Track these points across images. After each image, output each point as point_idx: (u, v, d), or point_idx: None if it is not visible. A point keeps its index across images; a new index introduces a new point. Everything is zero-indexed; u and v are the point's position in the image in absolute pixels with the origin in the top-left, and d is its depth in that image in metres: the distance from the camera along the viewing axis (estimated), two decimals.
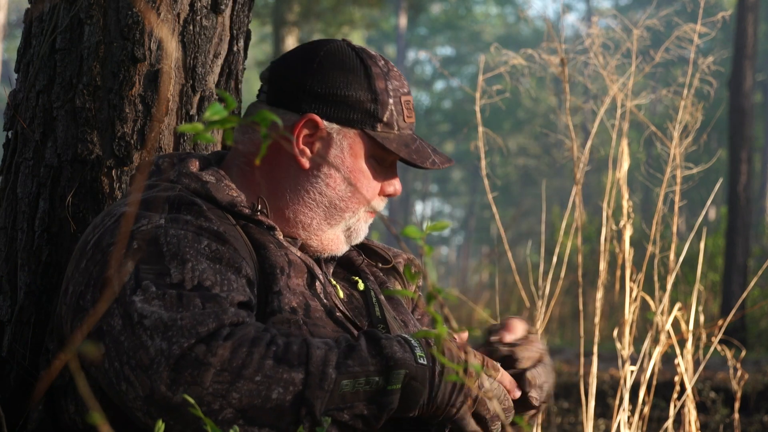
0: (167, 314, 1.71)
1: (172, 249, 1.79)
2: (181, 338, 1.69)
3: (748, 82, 11.76)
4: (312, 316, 1.88)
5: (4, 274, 2.22)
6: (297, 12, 14.62)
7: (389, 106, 1.96)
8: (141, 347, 1.70)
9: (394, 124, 1.97)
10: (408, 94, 2.01)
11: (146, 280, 1.75)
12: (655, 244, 3.42)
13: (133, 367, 1.70)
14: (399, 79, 2.00)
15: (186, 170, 1.95)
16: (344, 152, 1.96)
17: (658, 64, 3.67)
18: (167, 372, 1.67)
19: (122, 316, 1.73)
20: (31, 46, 2.29)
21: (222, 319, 1.72)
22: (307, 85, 1.95)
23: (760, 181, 26.20)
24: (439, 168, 1.99)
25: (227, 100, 1.20)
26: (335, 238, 2.00)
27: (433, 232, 1.25)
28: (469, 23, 38.55)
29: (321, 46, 1.99)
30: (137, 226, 1.82)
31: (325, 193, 1.97)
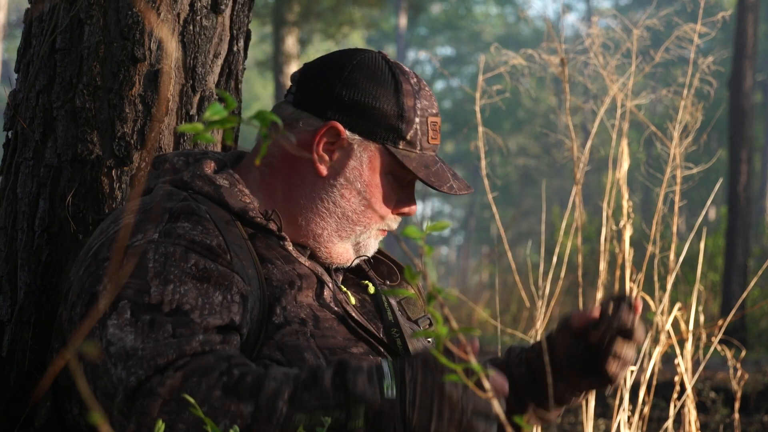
0: (131, 343, 1.71)
1: (157, 267, 1.77)
2: (140, 369, 1.69)
3: (748, 82, 11.76)
4: (321, 326, 1.86)
5: (4, 274, 2.22)
6: (297, 12, 14.62)
7: (414, 125, 1.94)
8: (106, 374, 1.71)
9: (417, 144, 1.95)
10: (436, 115, 1.98)
11: (125, 298, 1.75)
12: (655, 244, 3.42)
13: (101, 391, 1.72)
14: (429, 99, 1.98)
15: (201, 172, 1.93)
16: (363, 165, 1.94)
17: (658, 64, 3.67)
18: (123, 401, 1.68)
19: (100, 338, 1.74)
20: (31, 46, 2.29)
21: (183, 350, 1.70)
22: (335, 92, 1.93)
23: (760, 181, 26.20)
24: (456, 194, 1.97)
25: (227, 100, 1.20)
26: (344, 251, 1.98)
27: (433, 232, 1.25)
28: (469, 23, 38.55)
29: (355, 55, 1.97)
30: (132, 240, 1.81)
31: (339, 204, 1.95)
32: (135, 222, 1.83)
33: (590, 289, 9.30)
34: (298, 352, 1.82)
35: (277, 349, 1.82)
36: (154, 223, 1.83)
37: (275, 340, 1.82)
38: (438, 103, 2.06)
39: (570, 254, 8.61)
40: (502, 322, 12.31)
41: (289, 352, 1.82)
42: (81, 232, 2.19)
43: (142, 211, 1.86)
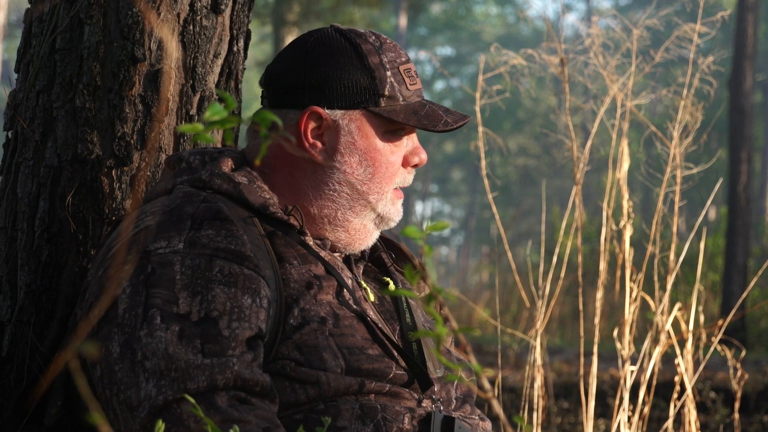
0: (163, 355, 1.71)
1: (185, 280, 1.78)
2: (169, 390, 1.69)
3: (748, 82, 11.76)
4: (341, 325, 1.86)
5: (4, 274, 2.22)
6: (297, 12, 14.63)
7: (388, 79, 1.94)
8: (134, 386, 1.71)
9: (397, 95, 1.95)
10: (407, 62, 1.98)
11: (154, 307, 1.75)
12: (655, 244, 3.42)
13: (120, 401, 1.72)
14: (394, 50, 1.98)
15: (218, 170, 1.93)
16: (354, 135, 1.94)
17: (658, 64, 3.67)
18: (148, 417, 1.69)
19: (122, 345, 1.74)
20: (31, 46, 2.29)
21: (215, 380, 1.71)
22: (303, 80, 1.94)
23: (760, 181, 26.20)
24: (452, 128, 1.96)
25: (227, 100, 1.20)
26: (362, 228, 1.98)
27: (433, 232, 1.25)
28: (469, 23, 38.54)
29: (308, 39, 1.98)
30: (155, 246, 1.80)
31: (344, 181, 1.95)
32: (156, 225, 1.83)
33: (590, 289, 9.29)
34: (316, 352, 1.82)
35: (295, 348, 1.82)
36: (177, 231, 1.82)
37: (293, 340, 1.83)
38: (436, 101, 2.05)
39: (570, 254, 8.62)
40: (502, 322, 12.31)
41: (308, 351, 1.82)
42: (81, 232, 2.19)
43: (162, 214, 1.85)
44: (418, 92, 1.98)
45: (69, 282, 2.17)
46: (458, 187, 39.51)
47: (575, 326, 11.61)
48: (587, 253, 11.96)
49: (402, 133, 1.98)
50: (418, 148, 2.00)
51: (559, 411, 6.30)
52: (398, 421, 1.83)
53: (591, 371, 3.33)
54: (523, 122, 34.62)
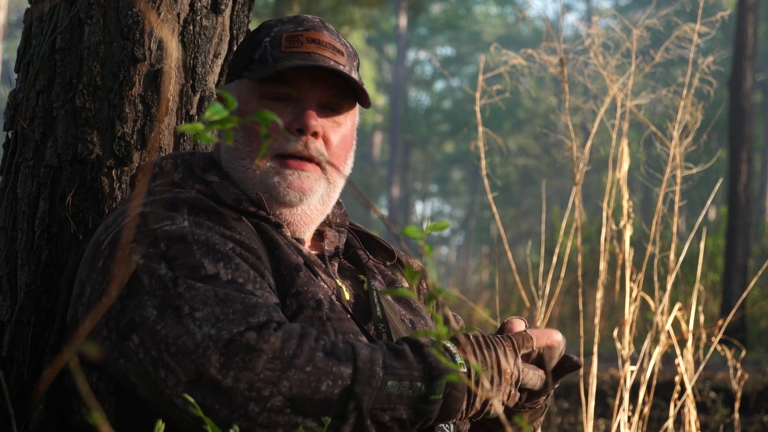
0: (218, 307, 1.70)
1: (201, 247, 1.78)
2: (231, 325, 1.69)
3: (748, 82, 11.76)
4: (336, 310, 1.88)
5: (4, 274, 2.22)
6: (297, 12, 14.63)
7: (263, 44, 1.97)
8: (186, 333, 1.69)
9: (268, 57, 1.96)
10: (304, 31, 1.97)
11: (181, 276, 1.74)
12: (655, 244, 3.42)
13: (173, 353, 1.68)
14: (300, 23, 1.99)
15: (189, 173, 1.94)
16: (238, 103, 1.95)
17: (658, 64, 3.67)
18: (216, 355, 1.67)
19: (157, 307, 1.72)
20: (31, 46, 2.29)
21: (272, 315, 1.72)
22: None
23: (760, 181, 26.20)
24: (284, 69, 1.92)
25: (227, 100, 1.20)
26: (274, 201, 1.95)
27: (433, 232, 1.24)
28: (469, 23, 38.55)
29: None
30: (160, 225, 1.80)
31: (234, 155, 1.96)
32: (152, 211, 1.83)
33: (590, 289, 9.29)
34: None
35: None
36: (179, 213, 1.83)
37: None
38: (438, 103, 2.05)
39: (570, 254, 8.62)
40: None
41: None
42: (81, 232, 2.19)
43: (154, 203, 1.85)
44: (300, 55, 1.95)
45: (69, 282, 2.17)
46: (458, 187, 39.52)
47: (575, 326, 11.61)
48: (587, 253, 11.96)
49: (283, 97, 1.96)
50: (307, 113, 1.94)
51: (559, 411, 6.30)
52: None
53: (591, 371, 3.33)
54: (523, 122, 34.63)
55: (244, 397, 1.66)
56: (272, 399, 1.66)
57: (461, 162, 35.99)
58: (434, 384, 1.71)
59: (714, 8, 4.33)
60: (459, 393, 1.73)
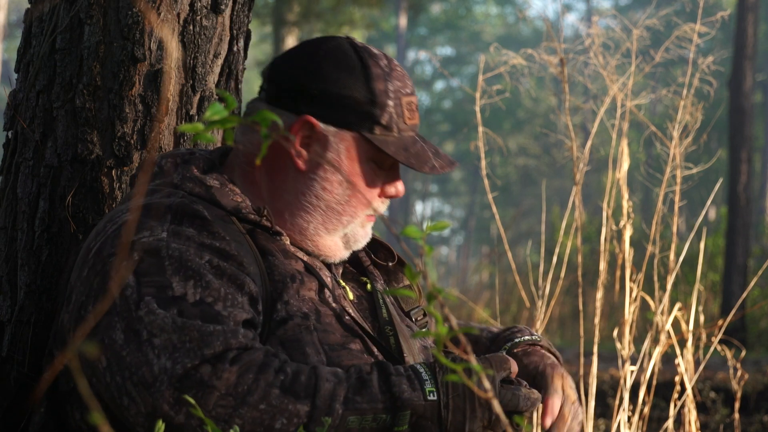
0: (174, 335, 1.69)
1: (174, 263, 1.76)
2: (185, 358, 1.67)
3: (748, 82, 11.76)
4: (323, 321, 1.86)
5: (4, 274, 2.22)
6: (297, 12, 14.62)
7: (388, 109, 1.91)
8: (145, 364, 1.68)
9: (394, 127, 1.92)
10: (411, 94, 1.95)
11: (148, 295, 1.73)
12: (655, 244, 3.42)
13: (135, 383, 1.68)
14: (402, 79, 1.95)
15: (190, 174, 1.92)
16: (341, 155, 1.92)
17: (658, 64, 3.67)
18: (170, 391, 1.66)
19: (124, 331, 1.71)
20: (31, 46, 2.29)
21: (230, 343, 1.70)
22: (305, 85, 1.91)
23: (760, 181, 26.20)
24: (438, 173, 1.95)
25: (227, 99, 1.20)
26: (332, 245, 1.96)
27: (433, 232, 1.24)
28: (469, 23, 38.54)
29: (321, 45, 1.95)
30: (138, 236, 1.79)
31: (322, 197, 1.93)
32: (137, 219, 1.82)
33: (590, 289, 9.29)
34: (299, 347, 1.82)
35: (279, 344, 1.81)
36: (159, 221, 1.81)
37: (277, 336, 1.82)
38: (438, 103, 2.05)
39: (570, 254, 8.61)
40: (502, 322, 12.30)
41: (291, 346, 1.82)
42: (81, 232, 2.19)
43: (143, 207, 1.84)
44: (414, 127, 1.96)
45: (69, 282, 2.17)
46: (458, 187, 39.51)
47: (575, 326, 11.61)
48: (587, 253, 11.96)
49: (387, 163, 1.96)
50: (398, 180, 1.98)
51: None
52: None
53: (591, 371, 3.33)
54: (523, 122, 34.62)
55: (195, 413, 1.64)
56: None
57: (461, 162, 35.98)
58: (399, 415, 1.70)
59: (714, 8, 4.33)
60: (428, 422, 1.71)
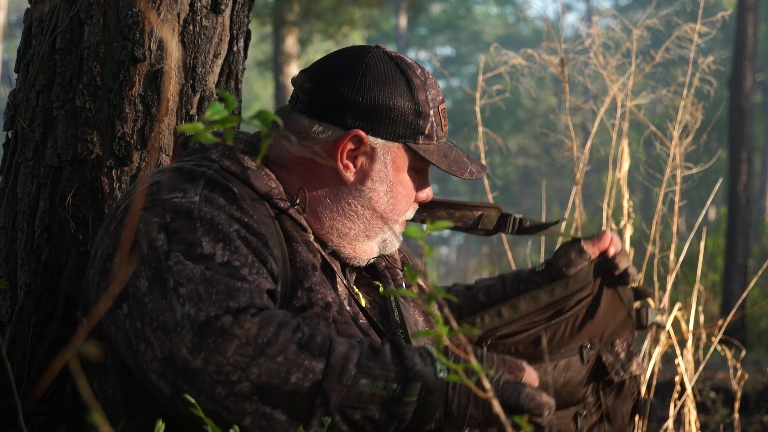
0: (201, 285, 1.72)
1: (205, 225, 1.79)
2: (210, 307, 1.70)
3: (748, 82, 11.76)
4: (344, 314, 1.89)
5: (4, 274, 2.22)
6: (297, 12, 14.62)
7: (430, 118, 1.97)
8: (168, 310, 1.71)
9: (434, 135, 1.98)
10: (443, 102, 2.02)
11: (178, 250, 1.76)
12: (655, 244, 3.42)
13: (154, 328, 1.71)
14: (435, 87, 2.01)
15: (229, 151, 1.94)
16: (388, 167, 1.97)
17: (658, 64, 3.67)
18: (190, 336, 1.69)
19: (149, 279, 1.74)
20: (31, 46, 2.29)
21: (254, 301, 1.73)
22: (351, 100, 1.94)
23: (760, 181, 26.20)
24: (476, 178, 2.01)
25: (227, 99, 1.20)
26: (369, 249, 2.01)
27: (433, 232, 1.24)
28: (469, 23, 38.55)
29: (361, 57, 1.97)
30: (170, 196, 1.82)
31: (369, 206, 1.97)
32: (168, 179, 1.84)
33: None
34: None
35: None
36: (192, 185, 1.84)
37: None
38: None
39: None
40: None
41: None
42: (81, 232, 2.19)
43: (173, 170, 1.87)
44: (447, 133, 2.03)
45: (69, 282, 2.17)
46: (458, 187, 39.51)
47: None
48: None
49: (424, 170, 2.02)
50: (428, 185, 2.05)
51: None
52: None
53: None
54: (523, 122, 34.62)
55: (211, 380, 1.67)
56: (240, 384, 1.68)
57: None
58: (409, 386, 1.72)
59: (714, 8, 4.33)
60: (435, 399, 1.73)
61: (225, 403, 1.68)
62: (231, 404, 1.68)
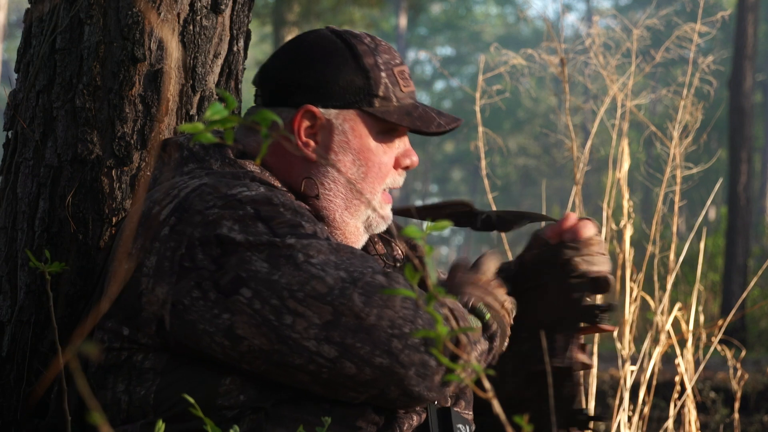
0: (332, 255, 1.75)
1: (288, 209, 1.80)
2: (359, 268, 1.75)
3: (748, 82, 11.76)
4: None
5: (4, 274, 2.22)
6: (297, 12, 14.63)
7: (382, 80, 1.95)
8: (312, 279, 1.73)
9: (392, 96, 1.95)
10: (401, 64, 1.99)
11: (285, 231, 1.76)
12: (655, 244, 3.42)
13: (301, 299, 1.72)
14: (389, 51, 1.98)
15: (229, 160, 1.93)
16: (347, 135, 1.94)
17: (658, 64, 3.67)
18: (357, 294, 1.72)
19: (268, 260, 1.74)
20: (31, 46, 2.29)
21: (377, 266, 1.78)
22: (298, 79, 1.94)
23: (760, 181, 26.20)
24: (445, 130, 1.97)
25: (227, 99, 1.20)
26: (355, 230, 1.98)
27: (433, 232, 1.24)
28: (469, 23, 38.56)
29: (304, 39, 1.99)
30: (235, 192, 1.80)
31: (339, 180, 1.95)
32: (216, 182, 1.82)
33: None
34: None
35: None
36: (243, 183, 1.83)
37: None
38: (438, 103, 2.08)
39: None
40: None
41: None
42: (81, 232, 2.19)
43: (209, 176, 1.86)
44: (411, 94, 1.99)
45: (69, 282, 2.17)
46: (458, 187, 39.52)
47: None
48: None
49: (394, 134, 1.99)
50: (410, 150, 2.02)
51: None
52: (409, 419, 1.84)
53: (591, 371, 3.33)
54: (523, 122, 34.63)
55: (387, 334, 1.72)
56: (411, 336, 1.72)
57: (461, 162, 35.98)
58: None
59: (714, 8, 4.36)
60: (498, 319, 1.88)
61: (400, 356, 1.72)
62: (405, 357, 1.73)
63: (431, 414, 1.86)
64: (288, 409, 1.80)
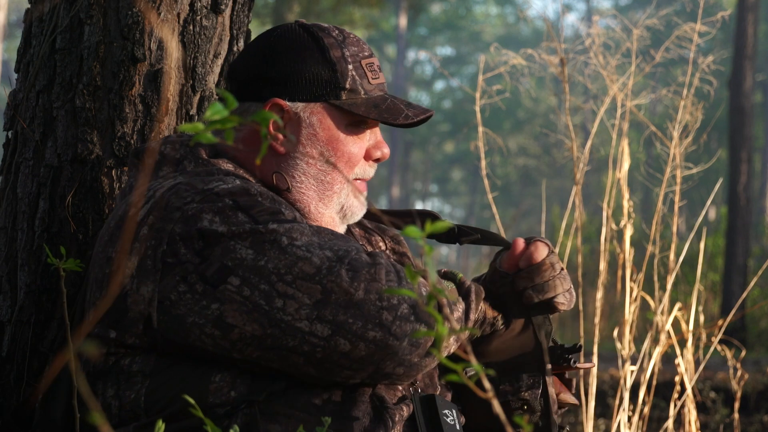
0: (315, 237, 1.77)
1: (266, 198, 1.82)
2: (343, 247, 1.77)
3: (748, 82, 11.76)
4: None
5: (4, 274, 2.22)
6: (297, 12, 14.63)
7: (350, 72, 1.95)
8: (300, 260, 1.75)
9: (359, 89, 1.96)
10: (370, 56, 1.99)
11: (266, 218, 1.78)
12: (655, 244, 3.42)
13: (289, 281, 1.74)
14: (357, 44, 1.98)
15: (201, 159, 1.93)
16: (315, 128, 1.95)
17: (658, 64, 3.67)
18: (344, 271, 1.74)
19: (252, 247, 1.75)
20: (31, 46, 2.29)
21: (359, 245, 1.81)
22: (265, 73, 1.95)
23: (760, 181, 26.20)
24: (413, 122, 1.97)
25: (227, 99, 1.20)
26: (331, 220, 1.98)
27: (433, 231, 1.24)
28: (469, 23, 38.55)
29: (271, 34, 2.00)
30: (211, 186, 1.81)
31: (308, 172, 1.95)
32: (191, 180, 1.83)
33: (590, 289, 9.29)
34: None
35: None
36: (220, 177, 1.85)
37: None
38: (438, 103, 2.07)
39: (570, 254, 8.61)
40: None
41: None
42: (81, 232, 2.19)
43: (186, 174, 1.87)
44: (380, 86, 1.99)
45: (69, 282, 2.17)
46: (458, 187, 39.52)
47: (575, 326, 11.62)
48: (587, 253, 11.96)
49: (364, 126, 1.99)
50: (381, 142, 2.02)
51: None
52: (399, 410, 1.85)
53: (591, 371, 3.33)
54: (523, 122, 34.63)
55: (376, 307, 1.74)
56: (400, 307, 1.75)
57: (461, 162, 35.97)
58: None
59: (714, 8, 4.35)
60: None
61: (392, 328, 1.74)
62: (397, 329, 1.74)
63: (416, 403, 1.87)
64: (281, 405, 1.79)
